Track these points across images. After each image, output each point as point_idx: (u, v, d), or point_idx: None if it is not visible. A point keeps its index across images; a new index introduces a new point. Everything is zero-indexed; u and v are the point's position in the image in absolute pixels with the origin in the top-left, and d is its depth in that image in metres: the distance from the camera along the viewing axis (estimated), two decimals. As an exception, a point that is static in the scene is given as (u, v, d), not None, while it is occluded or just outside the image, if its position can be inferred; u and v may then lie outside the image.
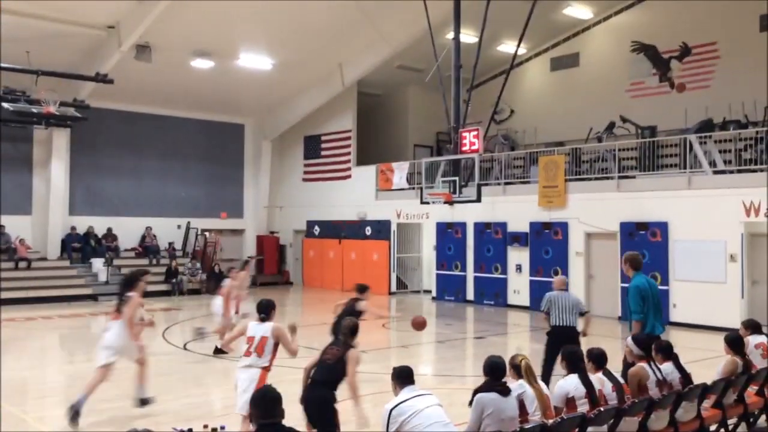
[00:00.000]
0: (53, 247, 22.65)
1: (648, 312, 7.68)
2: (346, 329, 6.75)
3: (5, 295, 19.66)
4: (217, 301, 12.81)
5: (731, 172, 16.41)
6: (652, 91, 21.25)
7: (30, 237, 22.37)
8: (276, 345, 6.94)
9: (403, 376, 5.20)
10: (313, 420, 6.17)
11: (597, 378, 5.81)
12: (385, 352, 13.68)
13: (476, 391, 5.22)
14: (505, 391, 5.17)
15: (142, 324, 9.03)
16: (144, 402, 8.51)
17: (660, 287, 14.90)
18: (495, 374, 5.27)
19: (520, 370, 5.51)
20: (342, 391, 6.35)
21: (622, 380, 6.04)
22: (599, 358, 5.97)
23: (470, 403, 5.18)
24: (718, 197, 15.77)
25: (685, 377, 6.46)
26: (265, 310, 7.09)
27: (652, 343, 6.78)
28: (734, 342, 7.20)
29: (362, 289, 10.39)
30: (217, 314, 12.75)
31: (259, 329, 6.95)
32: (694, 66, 20.31)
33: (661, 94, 21.04)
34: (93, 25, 18.86)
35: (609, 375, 5.89)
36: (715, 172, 16.48)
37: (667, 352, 6.63)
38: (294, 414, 8.13)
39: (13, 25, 17.60)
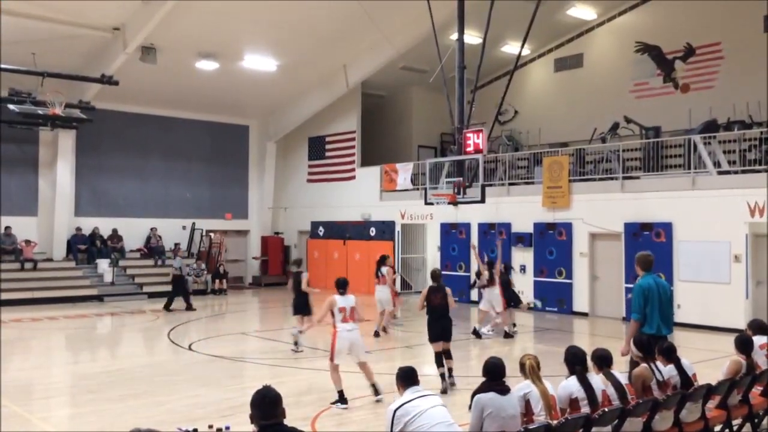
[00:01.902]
0: (59, 248, 22.75)
1: (652, 312, 7.66)
2: (435, 277, 10.43)
3: (12, 295, 19.78)
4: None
5: (735, 172, 16.39)
6: (656, 92, 21.23)
7: (36, 238, 22.46)
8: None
9: (407, 377, 5.22)
10: (442, 338, 9.91)
11: (601, 378, 5.82)
12: (390, 352, 13.70)
13: (475, 393, 5.25)
14: (503, 390, 5.19)
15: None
16: (376, 334, 14.48)
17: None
18: (493, 375, 5.29)
19: (525, 369, 5.52)
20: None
21: (625, 381, 6.03)
22: (600, 359, 5.96)
23: (470, 407, 5.20)
24: (722, 198, 15.75)
25: (686, 380, 6.45)
26: (344, 286, 9.16)
27: (654, 344, 6.79)
28: (744, 343, 7.18)
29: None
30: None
31: (346, 301, 8.99)
32: (698, 66, 20.29)
33: (665, 94, 21.02)
34: (98, 27, 18.94)
35: (609, 376, 5.89)
36: (720, 173, 16.46)
37: (669, 355, 6.62)
38: (295, 414, 8.21)
39: (19, 27, 17.70)
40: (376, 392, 8.96)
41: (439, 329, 9.94)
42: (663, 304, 7.75)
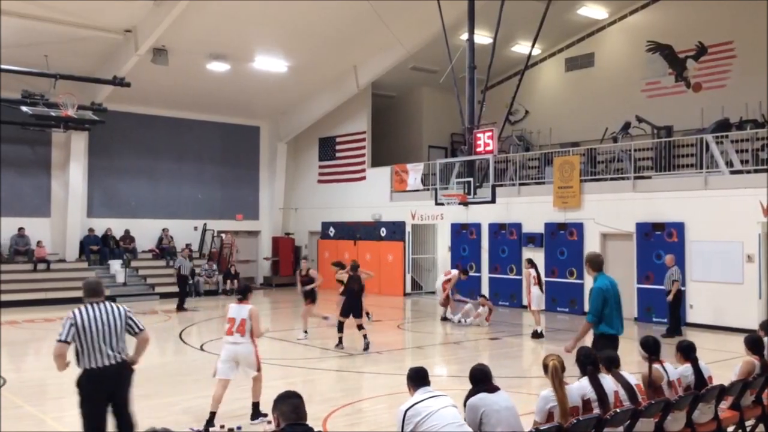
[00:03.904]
0: (72, 248, 22.89)
1: (611, 313, 7.70)
2: (354, 268, 13.42)
3: (25, 296, 19.95)
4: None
5: (748, 171, 16.28)
6: (667, 91, 21.13)
7: (49, 239, 22.62)
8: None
9: (418, 377, 5.21)
10: (352, 314, 13.01)
11: (612, 380, 5.79)
12: (400, 353, 13.71)
13: (465, 400, 5.27)
14: (491, 390, 5.22)
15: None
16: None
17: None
18: (478, 380, 5.32)
19: (548, 371, 5.45)
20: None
21: (635, 381, 5.99)
22: (608, 360, 5.94)
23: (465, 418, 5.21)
24: (734, 197, 15.65)
25: (701, 381, 6.42)
26: (244, 292, 8.10)
27: (611, 345, 7.13)
28: (754, 343, 7.15)
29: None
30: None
31: (239, 311, 7.93)
32: (710, 65, 20.18)
33: (677, 93, 20.91)
34: (110, 29, 19.06)
35: (619, 376, 5.86)
36: (732, 172, 16.36)
37: (687, 353, 6.59)
38: (311, 414, 8.21)
39: (32, 29, 17.85)
40: (255, 414, 8.13)
41: (352, 307, 13.04)
42: (618, 303, 7.81)
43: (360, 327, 13.02)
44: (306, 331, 14.45)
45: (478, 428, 5.06)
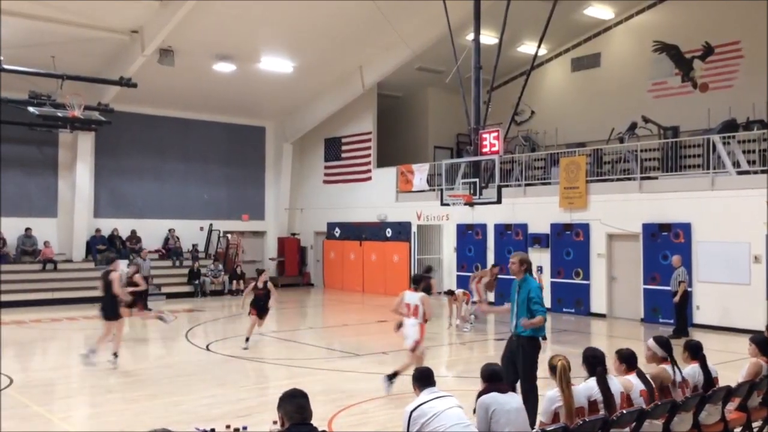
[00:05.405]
0: (78, 249, 22.96)
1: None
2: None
3: (32, 296, 20.03)
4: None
5: (755, 172, 16.21)
6: (674, 91, 21.06)
7: (56, 239, 22.70)
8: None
9: (424, 378, 5.22)
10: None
11: (624, 380, 5.75)
12: (406, 353, 13.67)
13: (478, 397, 5.27)
14: (502, 390, 5.22)
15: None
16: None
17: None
18: (492, 379, 5.32)
19: (555, 371, 5.42)
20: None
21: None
22: (629, 359, 5.89)
23: (474, 411, 5.21)
24: (741, 198, 15.59)
25: (709, 380, 6.39)
26: (417, 282, 9.72)
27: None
28: (761, 343, 7.11)
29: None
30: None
31: (413, 297, 9.53)
32: (717, 65, 20.10)
33: (683, 94, 20.84)
34: (117, 29, 19.11)
35: (641, 376, 5.82)
36: (739, 173, 16.29)
37: (695, 352, 6.57)
38: (317, 414, 8.22)
39: (39, 30, 17.91)
40: (390, 377, 9.41)
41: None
42: None
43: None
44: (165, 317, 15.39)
45: (487, 427, 5.06)
